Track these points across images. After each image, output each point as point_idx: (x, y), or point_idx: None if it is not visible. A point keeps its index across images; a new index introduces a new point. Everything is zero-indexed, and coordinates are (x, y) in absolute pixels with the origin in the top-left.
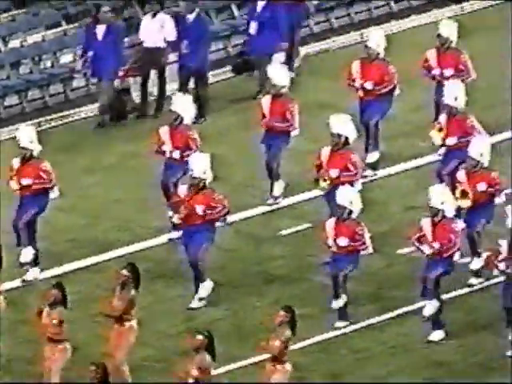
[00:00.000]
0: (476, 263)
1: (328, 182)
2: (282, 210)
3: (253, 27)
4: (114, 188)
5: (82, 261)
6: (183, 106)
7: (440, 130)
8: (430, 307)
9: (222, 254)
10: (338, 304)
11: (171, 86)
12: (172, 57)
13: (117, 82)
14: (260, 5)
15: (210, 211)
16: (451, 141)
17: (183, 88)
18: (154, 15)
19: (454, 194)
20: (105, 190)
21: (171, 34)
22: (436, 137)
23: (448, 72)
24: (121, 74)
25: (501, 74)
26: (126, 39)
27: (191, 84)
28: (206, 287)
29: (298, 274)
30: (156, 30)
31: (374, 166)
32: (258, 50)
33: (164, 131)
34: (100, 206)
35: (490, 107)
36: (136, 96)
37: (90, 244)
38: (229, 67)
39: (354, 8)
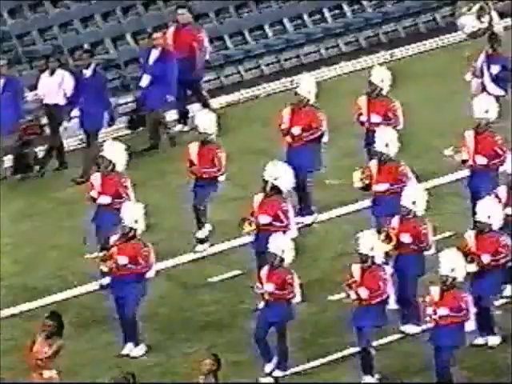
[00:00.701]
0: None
1: (253, 227)
2: (213, 256)
3: (144, 81)
4: (49, 234)
5: (15, 307)
6: (115, 153)
7: (362, 173)
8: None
9: (153, 301)
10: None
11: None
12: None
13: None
14: (153, 58)
15: (133, 265)
16: (381, 187)
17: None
18: (53, 72)
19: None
20: (40, 235)
21: (70, 89)
22: (356, 179)
23: (376, 119)
24: (20, 128)
25: (431, 120)
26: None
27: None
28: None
29: (229, 321)
30: (55, 87)
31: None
32: (148, 104)
33: (95, 178)
34: (34, 252)
35: (419, 155)
36: (40, 150)
37: (23, 290)
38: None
39: (284, 55)
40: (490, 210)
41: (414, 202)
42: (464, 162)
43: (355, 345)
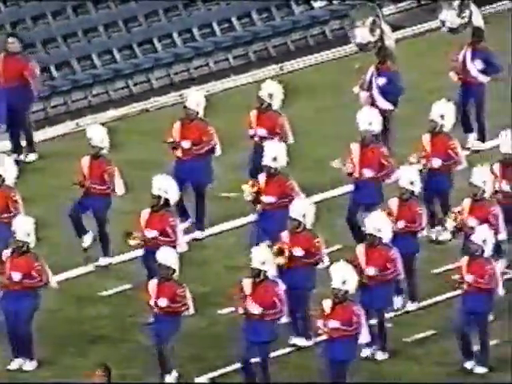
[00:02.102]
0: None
1: (137, 241)
2: (104, 269)
3: None
4: None
5: None
6: (5, 167)
7: (253, 186)
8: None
9: (45, 315)
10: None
11: None
12: None
13: None
14: None
15: (27, 280)
16: (269, 199)
17: None
18: None
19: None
20: None
21: None
22: (246, 191)
23: (263, 133)
24: None
25: (321, 133)
26: None
27: None
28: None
29: (121, 335)
30: None
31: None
32: None
33: None
34: None
35: (310, 168)
36: None
37: None
38: None
39: (174, 69)
40: (379, 223)
41: (303, 215)
42: (350, 174)
43: (245, 358)
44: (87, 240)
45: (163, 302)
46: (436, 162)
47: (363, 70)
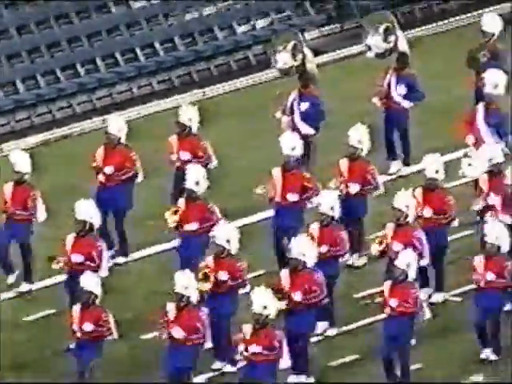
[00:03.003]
0: None
1: (60, 265)
2: (26, 295)
3: None
4: None
5: None
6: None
7: (175, 212)
8: None
9: None
10: None
11: None
12: None
13: None
14: None
15: None
16: (191, 226)
17: None
18: None
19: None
20: None
21: None
22: (170, 219)
23: (186, 157)
24: None
25: (244, 158)
26: None
27: None
28: None
29: (42, 361)
30: None
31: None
32: None
33: None
34: None
35: (233, 193)
36: None
37: None
38: None
39: (96, 94)
40: (304, 248)
41: (227, 241)
42: (271, 199)
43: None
44: (12, 278)
45: (88, 327)
46: (354, 188)
47: (285, 95)
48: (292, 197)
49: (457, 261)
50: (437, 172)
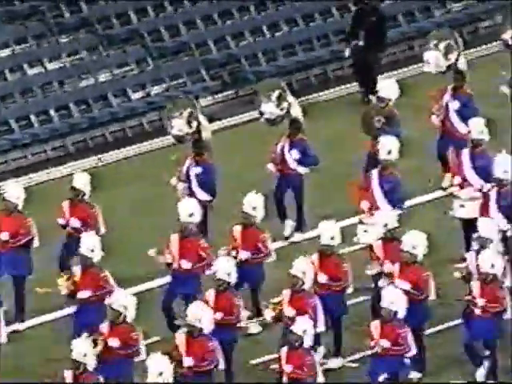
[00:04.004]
0: None
1: None
2: None
3: None
4: None
5: None
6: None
7: (68, 279)
8: None
9: None
10: None
11: None
12: None
13: None
14: None
15: None
16: (84, 294)
17: None
18: None
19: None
20: None
21: None
22: (63, 286)
23: (76, 223)
24: None
25: (139, 225)
26: None
27: None
28: None
29: None
30: None
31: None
32: None
33: None
34: None
35: (128, 259)
36: None
37: None
38: None
39: None
40: (199, 314)
41: (124, 307)
42: (169, 265)
43: None
44: None
45: None
46: (244, 255)
47: (180, 162)
48: (186, 264)
49: (353, 326)
50: (332, 238)
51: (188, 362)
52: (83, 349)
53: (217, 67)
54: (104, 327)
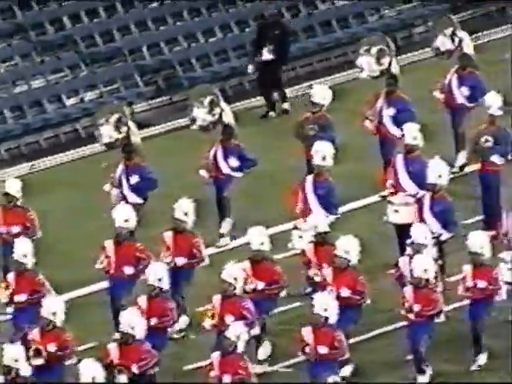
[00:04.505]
0: None
1: None
2: None
3: None
4: None
5: None
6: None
7: (6, 288)
8: None
9: None
10: None
11: None
12: None
13: None
14: None
15: None
16: (20, 298)
17: None
18: None
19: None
20: None
21: None
22: (2, 296)
23: (15, 229)
24: None
25: (72, 230)
26: None
27: None
28: None
29: None
30: None
31: None
32: None
33: None
34: None
35: (61, 265)
36: None
37: None
38: None
39: None
40: (132, 320)
41: (53, 313)
42: (107, 271)
43: None
44: None
45: None
46: (179, 260)
47: (112, 168)
48: (128, 269)
49: (287, 332)
50: (262, 244)
51: (134, 368)
52: (16, 354)
53: (151, 73)
54: (36, 333)
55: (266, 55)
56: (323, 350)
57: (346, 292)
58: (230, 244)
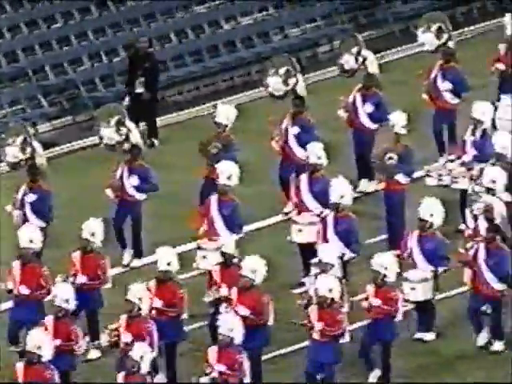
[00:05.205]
0: None
1: None
2: None
3: None
4: None
5: None
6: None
7: None
8: None
9: None
10: None
11: None
12: None
13: None
14: None
15: None
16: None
17: None
18: None
19: None
20: None
21: None
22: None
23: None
24: None
25: None
26: None
27: None
28: None
29: None
30: None
31: None
32: None
33: None
34: None
35: None
36: None
37: None
38: None
39: None
40: (38, 341)
41: None
42: (10, 291)
43: None
44: None
45: None
46: (81, 279)
47: (16, 189)
48: (24, 290)
49: (191, 352)
50: (169, 264)
51: None
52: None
53: (55, 93)
54: None
55: (138, 88)
56: (221, 368)
57: (246, 312)
58: (135, 263)
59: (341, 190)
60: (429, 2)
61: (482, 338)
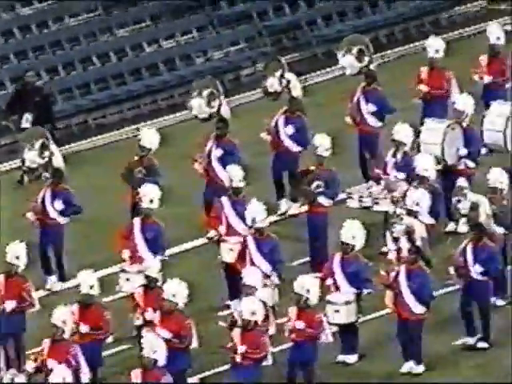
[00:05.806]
0: None
1: None
2: None
3: None
4: None
5: None
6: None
7: None
8: None
9: None
10: None
11: None
12: None
13: None
14: None
15: None
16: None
17: None
18: None
19: None
20: None
21: None
22: None
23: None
24: None
25: None
26: None
27: None
28: None
29: None
30: None
31: None
32: None
33: None
34: None
35: None
36: None
37: None
38: None
39: None
40: None
41: None
42: None
43: None
44: None
45: None
46: (9, 305)
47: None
48: (9, 304)
49: (113, 376)
50: (91, 288)
51: None
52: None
53: None
54: None
55: (24, 124)
56: None
57: (168, 335)
58: (60, 286)
59: (256, 212)
60: (351, 25)
61: (406, 367)
